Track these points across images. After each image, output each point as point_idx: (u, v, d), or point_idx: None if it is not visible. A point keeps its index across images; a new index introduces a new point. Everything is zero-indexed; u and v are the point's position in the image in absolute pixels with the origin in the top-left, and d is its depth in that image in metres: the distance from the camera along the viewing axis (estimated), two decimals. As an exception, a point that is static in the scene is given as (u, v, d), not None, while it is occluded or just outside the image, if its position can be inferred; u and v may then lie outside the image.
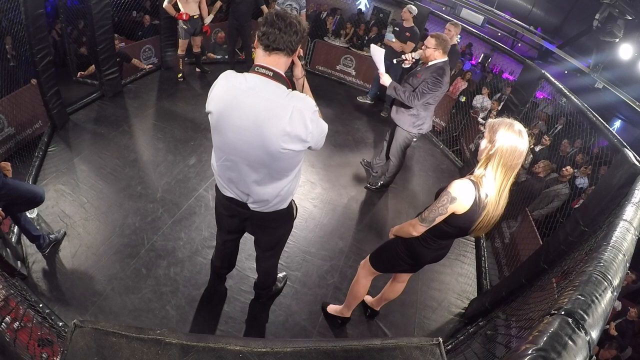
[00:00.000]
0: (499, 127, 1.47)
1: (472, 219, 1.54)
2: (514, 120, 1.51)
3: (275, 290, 2.48)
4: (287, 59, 1.39)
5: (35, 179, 3.01)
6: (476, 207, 1.50)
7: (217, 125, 1.41)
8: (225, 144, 1.44)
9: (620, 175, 2.03)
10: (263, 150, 1.38)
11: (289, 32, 1.32)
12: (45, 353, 1.83)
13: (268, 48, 1.35)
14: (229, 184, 1.58)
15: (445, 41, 2.91)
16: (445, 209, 1.54)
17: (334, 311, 2.44)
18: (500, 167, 1.47)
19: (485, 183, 1.49)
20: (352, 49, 6.99)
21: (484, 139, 1.53)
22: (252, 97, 1.33)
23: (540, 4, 8.22)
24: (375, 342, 1.02)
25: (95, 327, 0.96)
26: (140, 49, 5.05)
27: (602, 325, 0.86)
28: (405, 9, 4.63)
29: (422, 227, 1.65)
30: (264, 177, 1.49)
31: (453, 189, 1.51)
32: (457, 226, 1.60)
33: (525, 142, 1.46)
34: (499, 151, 1.46)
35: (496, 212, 1.54)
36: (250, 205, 1.61)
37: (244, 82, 1.35)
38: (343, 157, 4.19)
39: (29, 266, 2.37)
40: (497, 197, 1.51)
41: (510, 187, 1.53)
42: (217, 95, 1.38)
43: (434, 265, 3.14)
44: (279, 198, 1.59)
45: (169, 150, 3.62)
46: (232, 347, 0.95)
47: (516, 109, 3.93)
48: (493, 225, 1.59)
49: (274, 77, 1.36)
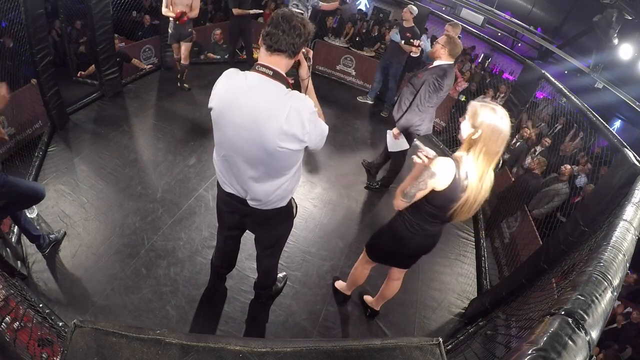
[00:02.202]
0: (481, 111, 1.48)
1: (452, 198, 1.55)
2: (497, 105, 1.52)
3: (275, 290, 2.48)
4: (288, 60, 1.40)
5: (35, 179, 3.01)
6: (455, 185, 1.51)
7: (218, 121, 1.43)
8: (224, 141, 1.46)
9: (620, 175, 2.03)
10: (260, 148, 1.40)
11: (292, 34, 1.33)
12: (45, 353, 1.83)
13: (270, 48, 1.36)
14: (229, 180, 1.60)
15: (455, 44, 2.84)
16: (425, 184, 1.55)
17: (340, 287, 2.60)
18: (483, 154, 1.49)
19: (466, 164, 1.51)
20: (352, 49, 6.99)
21: (466, 121, 1.53)
22: (251, 96, 1.35)
23: (540, 4, 8.22)
24: (375, 342, 1.02)
25: (95, 327, 0.96)
26: (140, 49, 5.05)
27: (602, 325, 0.86)
28: (406, 10, 4.63)
29: (403, 202, 1.66)
30: (261, 175, 1.50)
31: (433, 165, 1.54)
32: (437, 205, 1.61)
33: (507, 125, 1.47)
34: (482, 137, 1.47)
35: (478, 197, 1.54)
36: (249, 202, 1.62)
37: (244, 80, 1.37)
38: (343, 157, 4.19)
39: (29, 266, 2.37)
40: (479, 182, 1.52)
41: (493, 172, 1.56)
42: (219, 93, 1.40)
43: (434, 265, 3.16)
44: (277, 196, 1.60)
45: (169, 150, 3.62)
46: (232, 347, 0.95)
47: (516, 109, 3.93)
48: (475, 211, 1.60)
49: (274, 76, 1.37)
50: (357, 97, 5.79)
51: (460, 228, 3.70)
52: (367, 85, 6.12)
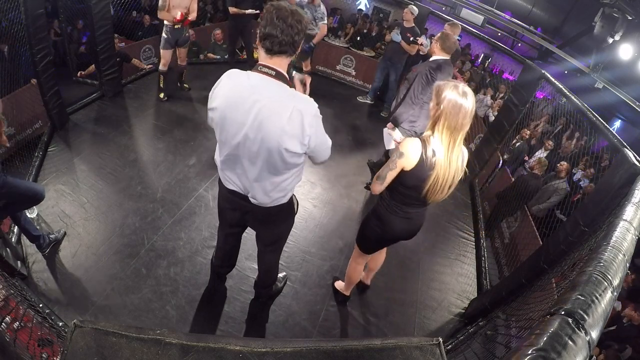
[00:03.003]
0: (444, 89, 1.52)
1: (422, 177, 1.60)
2: (460, 82, 1.57)
3: (276, 290, 2.48)
4: (289, 58, 1.40)
5: (35, 179, 3.01)
6: (423, 164, 1.56)
7: (221, 121, 1.43)
8: (228, 140, 1.46)
9: (620, 175, 2.03)
10: (263, 148, 1.40)
11: (290, 33, 1.31)
12: (45, 353, 1.83)
13: (270, 52, 1.35)
14: (231, 178, 1.60)
15: (446, 38, 2.89)
16: (395, 164, 1.61)
17: (339, 287, 2.61)
18: (446, 129, 1.53)
19: (433, 142, 1.56)
20: (352, 49, 6.99)
21: (432, 101, 1.58)
22: (254, 95, 1.35)
23: (540, 4, 8.22)
24: (375, 342, 1.02)
25: (95, 327, 0.96)
26: (140, 49, 5.05)
27: (602, 325, 0.86)
28: (407, 10, 4.63)
29: (378, 184, 1.71)
30: (263, 173, 1.51)
31: (401, 146, 1.60)
32: (410, 186, 1.66)
33: (469, 103, 1.51)
34: (444, 112, 1.52)
35: (448, 175, 1.58)
36: (251, 199, 1.63)
37: (247, 80, 1.37)
38: (343, 157, 4.19)
39: (29, 266, 2.37)
40: (447, 159, 1.56)
41: (460, 150, 1.60)
42: (221, 93, 1.40)
43: (434, 265, 3.16)
44: (279, 194, 1.61)
45: (169, 150, 3.62)
46: (232, 347, 0.95)
47: (516, 109, 3.93)
48: (448, 190, 1.64)
49: (277, 76, 1.37)
50: (357, 97, 5.79)
51: (460, 228, 3.70)
52: (367, 85, 6.12)
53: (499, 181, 4.57)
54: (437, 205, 3.89)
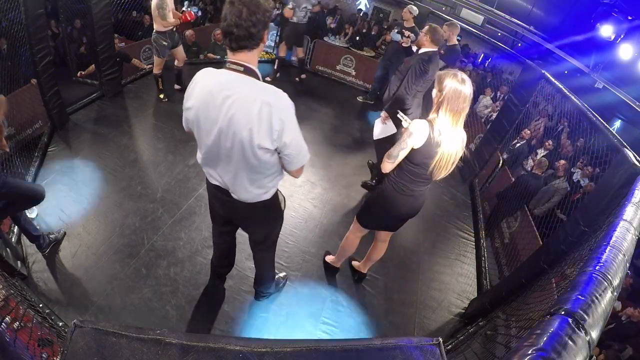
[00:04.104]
0: (445, 78, 1.73)
1: (429, 155, 1.79)
2: (458, 71, 1.77)
3: (275, 289, 2.48)
4: (256, 51, 1.37)
5: (35, 179, 3.01)
6: (430, 142, 1.75)
7: (196, 119, 1.43)
8: (204, 137, 1.46)
9: (620, 175, 2.03)
10: (236, 143, 1.39)
11: (245, 27, 1.26)
12: (45, 353, 1.83)
13: (231, 49, 1.34)
14: (213, 175, 1.60)
15: (435, 31, 3.01)
16: (406, 144, 1.80)
17: (330, 260, 2.74)
18: (449, 112, 1.73)
19: (438, 123, 1.76)
20: (352, 49, 6.99)
21: (435, 89, 1.79)
22: (224, 91, 1.34)
23: (540, 4, 8.21)
24: (375, 342, 1.02)
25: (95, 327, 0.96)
26: (140, 49, 5.06)
27: (602, 325, 0.86)
28: (406, 10, 4.63)
29: (389, 162, 1.89)
30: (240, 170, 1.49)
31: (411, 126, 1.79)
32: (417, 163, 1.84)
33: (468, 88, 1.72)
34: (446, 98, 1.72)
35: (452, 151, 1.78)
36: (232, 194, 1.62)
37: (218, 77, 1.36)
38: (343, 157, 4.19)
39: (29, 266, 2.37)
40: (451, 137, 1.76)
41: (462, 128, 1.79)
42: (195, 91, 1.41)
43: (434, 265, 3.16)
44: (259, 190, 1.59)
45: (169, 150, 3.62)
46: (232, 347, 0.95)
47: (516, 109, 3.93)
48: (451, 166, 1.84)
49: (245, 72, 1.35)
50: (357, 97, 5.79)
51: (460, 228, 3.70)
52: (367, 85, 6.12)
53: (499, 181, 4.57)
54: (437, 205, 3.90)
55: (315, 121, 4.77)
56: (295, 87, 5.51)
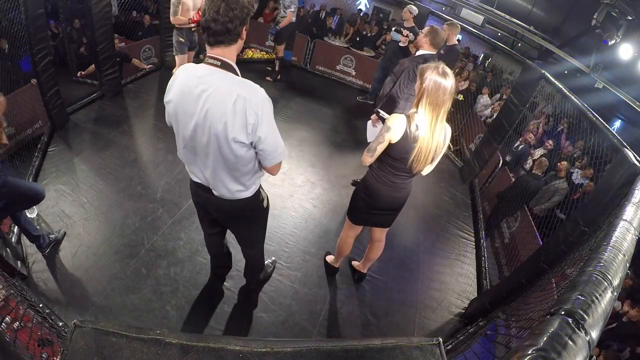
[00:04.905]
0: (426, 70, 1.71)
1: (407, 149, 1.78)
2: (441, 63, 1.75)
3: (265, 276, 2.50)
4: (234, 46, 1.37)
5: (35, 179, 3.01)
6: (407, 136, 1.74)
7: (174, 114, 1.44)
8: (182, 131, 1.46)
9: (620, 175, 2.03)
10: (212, 138, 1.39)
11: (222, 22, 1.27)
12: (45, 353, 1.83)
13: (209, 44, 1.35)
14: (194, 170, 1.60)
15: (436, 34, 2.92)
16: (383, 138, 1.79)
17: (329, 260, 2.75)
18: (428, 105, 1.70)
19: (417, 118, 1.74)
20: (352, 49, 7.00)
21: (417, 82, 1.76)
22: (201, 85, 1.34)
23: (540, 4, 8.21)
24: (375, 342, 1.02)
25: (95, 327, 0.96)
26: (140, 49, 5.05)
27: (602, 325, 0.86)
28: (406, 10, 4.64)
29: (368, 156, 1.89)
30: (217, 166, 1.49)
31: (388, 121, 1.79)
32: (396, 157, 1.84)
33: (449, 82, 1.68)
34: (426, 90, 1.69)
35: (431, 147, 1.76)
36: (214, 191, 1.62)
37: (196, 71, 1.37)
38: (343, 157, 4.19)
39: (29, 266, 2.37)
40: (430, 133, 1.74)
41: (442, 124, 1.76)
42: (174, 86, 1.41)
43: (434, 265, 3.16)
44: (238, 187, 1.58)
45: (169, 150, 3.62)
46: (232, 347, 0.95)
47: (516, 109, 3.93)
48: (431, 161, 1.82)
49: (222, 66, 1.35)
50: (357, 97, 5.79)
51: (460, 228, 3.70)
52: (367, 85, 6.12)
53: (499, 181, 4.57)
54: (437, 205, 3.90)
55: (315, 121, 4.77)
56: (295, 87, 5.52)
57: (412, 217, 3.60)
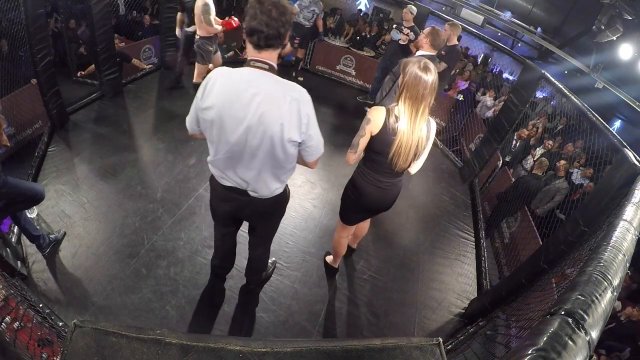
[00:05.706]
0: (408, 64, 1.72)
1: (387, 142, 1.78)
2: (423, 58, 1.75)
3: (265, 276, 2.51)
4: (278, 51, 1.40)
5: (35, 179, 3.01)
6: (386, 129, 1.75)
7: (218, 119, 1.42)
8: (226, 137, 1.45)
9: (620, 175, 2.03)
10: (265, 140, 1.41)
11: (275, 26, 1.30)
12: (45, 353, 1.83)
13: (258, 47, 1.36)
14: (229, 175, 1.60)
15: (437, 35, 2.94)
16: (364, 131, 1.80)
17: (329, 261, 2.76)
18: (408, 99, 1.71)
19: (396, 110, 1.76)
20: (352, 49, 6.99)
21: (400, 76, 1.77)
22: (251, 89, 1.35)
23: (540, 4, 8.22)
24: (375, 342, 1.02)
25: (95, 327, 0.96)
26: (140, 49, 5.06)
27: (602, 325, 0.86)
28: (406, 10, 4.64)
29: (352, 153, 1.88)
30: (265, 167, 1.52)
31: (368, 113, 1.80)
32: (377, 150, 1.83)
33: (429, 77, 1.67)
34: (406, 84, 1.70)
35: (412, 142, 1.76)
36: (251, 192, 1.64)
37: (241, 75, 1.37)
38: (343, 157, 4.15)
39: (29, 266, 2.37)
40: (410, 127, 1.74)
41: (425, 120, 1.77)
42: (216, 90, 1.39)
43: (434, 265, 3.16)
44: (278, 184, 1.64)
45: (169, 150, 3.62)
46: (232, 347, 0.95)
47: (516, 109, 3.93)
48: (413, 155, 1.81)
49: (271, 69, 1.38)
50: (357, 97, 5.79)
51: (460, 228, 3.70)
52: (367, 85, 6.12)
53: (499, 181, 4.57)
54: (437, 205, 3.90)
55: (315, 121, 4.77)
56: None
57: (412, 217, 3.60)
